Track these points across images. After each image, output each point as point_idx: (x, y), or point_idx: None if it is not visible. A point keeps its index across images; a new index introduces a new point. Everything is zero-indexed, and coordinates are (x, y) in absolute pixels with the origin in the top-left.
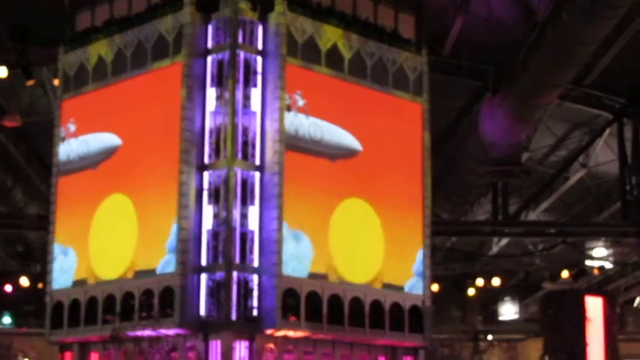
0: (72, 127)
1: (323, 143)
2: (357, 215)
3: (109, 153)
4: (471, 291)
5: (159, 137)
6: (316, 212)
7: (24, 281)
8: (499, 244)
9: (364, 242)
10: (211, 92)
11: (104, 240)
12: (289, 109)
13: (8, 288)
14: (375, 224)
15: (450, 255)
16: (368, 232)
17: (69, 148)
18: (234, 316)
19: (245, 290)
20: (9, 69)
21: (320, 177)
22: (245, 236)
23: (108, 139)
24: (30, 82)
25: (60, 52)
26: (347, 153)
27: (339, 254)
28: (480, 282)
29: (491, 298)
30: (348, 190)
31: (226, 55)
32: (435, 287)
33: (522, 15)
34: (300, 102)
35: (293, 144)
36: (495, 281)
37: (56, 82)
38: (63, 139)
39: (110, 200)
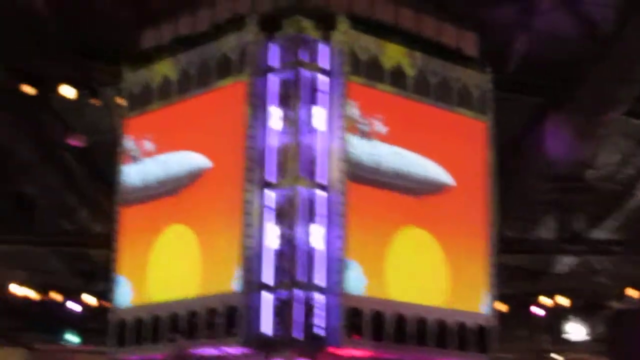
0: (147, 145)
1: (409, 177)
2: (416, 243)
3: (192, 177)
4: (537, 310)
5: (223, 156)
6: (373, 242)
7: (88, 299)
8: (564, 263)
9: (424, 270)
10: (275, 111)
11: (166, 271)
12: (366, 136)
13: (73, 306)
14: (436, 251)
15: (516, 274)
16: (428, 259)
17: (143, 168)
18: (297, 335)
19: (309, 309)
20: (74, 88)
21: (383, 207)
22: (309, 255)
23: (191, 160)
24: (95, 101)
25: (125, 70)
26: (436, 189)
27: (398, 285)
28: (546, 301)
29: (557, 317)
30: (408, 218)
31: (290, 73)
32: (500, 307)
33: (586, 31)
34: (379, 129)
35: (369, 177)
36: (561, 300)
37: (120, 100)
38: (136, 158)
39: (170, 231)
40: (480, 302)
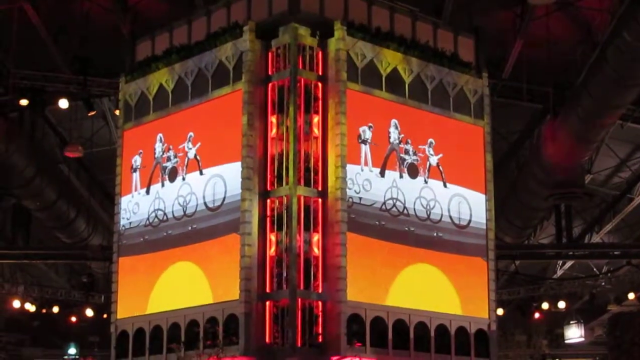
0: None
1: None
2: (421, 276)
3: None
4: (536, 315)
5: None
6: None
7: (89, 312)
8: (563, 267)
9: (424, 282)
10: (272, 119)
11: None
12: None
13: (73, 319)
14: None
15: (514, 279)
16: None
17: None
18: (299, 343)
19: (309, 317)
20: (70, 100)
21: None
22: (309, 262)
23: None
24: (92, 113)
25: (121, 82)
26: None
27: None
28: (545, 305)
29: (556, 321)
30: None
31: (286, 81)
32: (500, 311)
33: (582, 36)
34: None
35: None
36: (560, 304)
37: (117, 112)
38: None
39: (175, 267)
40: (480, 307)
